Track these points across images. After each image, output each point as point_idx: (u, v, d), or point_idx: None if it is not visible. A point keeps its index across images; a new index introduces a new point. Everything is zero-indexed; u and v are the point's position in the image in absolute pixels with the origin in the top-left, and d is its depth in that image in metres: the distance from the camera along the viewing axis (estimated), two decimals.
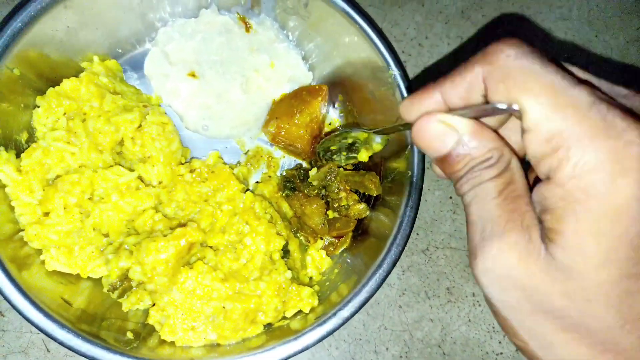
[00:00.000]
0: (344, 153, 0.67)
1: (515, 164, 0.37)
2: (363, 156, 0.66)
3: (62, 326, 0.52)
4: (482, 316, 0.74)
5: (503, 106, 0.35)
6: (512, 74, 0.34)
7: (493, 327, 0.74)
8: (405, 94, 0.65)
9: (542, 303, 0.35)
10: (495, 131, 0.40)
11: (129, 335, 0.57)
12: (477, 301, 0.75)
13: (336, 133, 0.67)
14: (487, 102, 0.37)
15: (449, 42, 0.82)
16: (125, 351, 0.53)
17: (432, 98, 0.40)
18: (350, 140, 0.66)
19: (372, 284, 0.57)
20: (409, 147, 0.63)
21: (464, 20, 0.83)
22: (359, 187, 0.67)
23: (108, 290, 0.59)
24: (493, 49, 0.35)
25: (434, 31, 0.82)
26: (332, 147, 0.68)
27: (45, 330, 0.52)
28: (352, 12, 0.66)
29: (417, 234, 0.76)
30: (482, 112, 0.37)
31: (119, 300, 0.60)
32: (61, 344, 0.52)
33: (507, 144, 0.39)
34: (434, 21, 0.83)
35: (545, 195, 0.34)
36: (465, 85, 0.37)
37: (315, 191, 0.68)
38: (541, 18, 0.85)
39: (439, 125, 0.38)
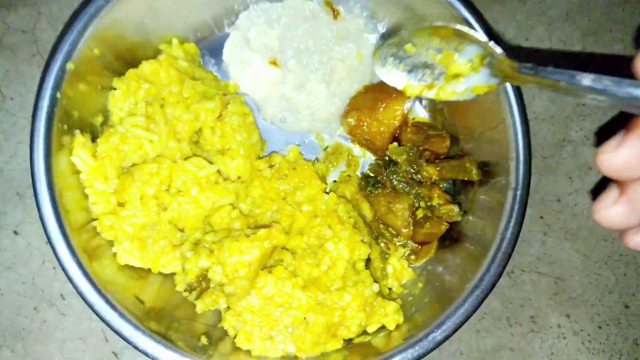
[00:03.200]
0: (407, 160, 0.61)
1: None
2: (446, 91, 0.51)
3: (136, 327, 0.49)
4: (566, 350, 0.68)
5: None
6: None
7: None
8: (511, 93, 0.58)
9: None
10: None
11: (204, 340, 0.54)
12: (562, 333, 0.68)
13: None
14: None
15: (550, 45, 0.75)
16: (202, 356, 0.49)
17: None
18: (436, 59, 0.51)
19: (468, 306, 0.52)
20: (514, 154, 0.56)
21: (568, 24, 0.76)
22: (456, 172, 0.62)
23: (185, 290, 0.56)
24: None
25: (535, 33, 0.75)
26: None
27: (120, 331, 0.49)
28: (457, 2, 0.60)
29: None
30: None
31: (195, 301, 0.56)
32: (135, 347, 0.49)
33: None
34: (536, 22, 0.76)
35: None
36: None
37: (403, 179, 0.62)
38: None
39: None
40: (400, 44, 0.53)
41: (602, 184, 0.64)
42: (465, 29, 0.51)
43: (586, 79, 0.37)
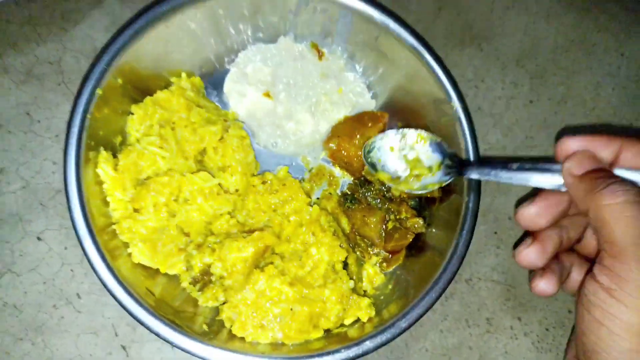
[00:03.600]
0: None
1: None
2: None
3: (150, 313, 0.58)
4: (518, 349, 0.78)
5: None
6: None
7: None
8: (466, 126, 0.70)
9: None
10: None
11: (204, 327, 0.62)
12: (515, 334, 0.78)
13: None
14: None
15: (503, 86, 0.88)
16: (204, 339, 0.58)
17: (607, 147, 0.51)
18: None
19: (428, 299, 0.62)
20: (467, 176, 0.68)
21: (518, 68, 0.89)
22: None
23: (190, 284, 0.65)
24: None
25: (490, 75, 0.88)
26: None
27: (137, 316, 0.58)
28: (420, 47, 0.72)
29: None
30: None
31: (197, 293, 0.65)
32: (149, 329, 0.57)
33: None
34: (491, 66, 0.89)
35: None
36: None
37: (376, 196, 0.73)
38: (591, 73, 0.91)
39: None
40: (385, 142, 0.69)
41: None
42: (438, 139, 0.68)
43: (514, 166, 0.57)
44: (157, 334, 0.58)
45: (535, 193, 0.56)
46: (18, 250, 0.71)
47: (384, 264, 0.75)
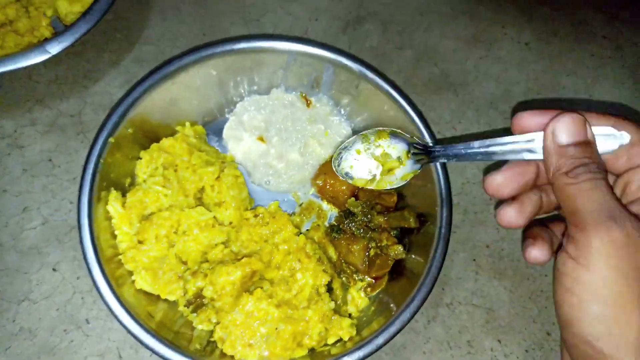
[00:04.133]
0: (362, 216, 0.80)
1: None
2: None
3: (150, 334, 0.65)
4: None
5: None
6: None
7: None
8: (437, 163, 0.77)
9: None
10: None
11: (198, 347, 0.69)
12: (495, 355, 0.83)
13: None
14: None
15: (478, 127, 0.96)
16: (199, 358, 0.65)
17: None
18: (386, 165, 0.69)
19: (403, 317, 0.68)
20: (439, 202, 0.75)
21: (492, 110, 0.98)
22: (399, 220, 0.79)
23: (185, 305, 0.72)
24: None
25: (466, 117, 0.97)
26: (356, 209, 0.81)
27: (137, 335, 0.65)
28: (395, 93, 0.81)
29: (443, 289, 0.86)
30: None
31: (191, 314, 0.72)
32: (147, 347, 0.65)
33: None
34: (466, 109, 0.97)
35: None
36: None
37: (359, 226, 0.80)
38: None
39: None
40: (350, 148, 0.72)
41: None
42: (397, 131, 0.71)
43: (476, 144, 0.57)
44: (156, 353, 0.64)
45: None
46: (35, 279, 0.80)
47: (368, 289, 0.81)
